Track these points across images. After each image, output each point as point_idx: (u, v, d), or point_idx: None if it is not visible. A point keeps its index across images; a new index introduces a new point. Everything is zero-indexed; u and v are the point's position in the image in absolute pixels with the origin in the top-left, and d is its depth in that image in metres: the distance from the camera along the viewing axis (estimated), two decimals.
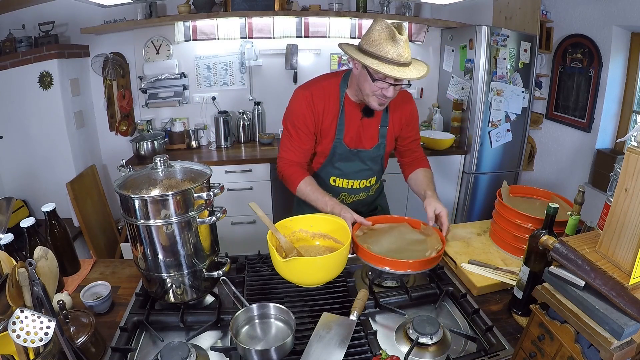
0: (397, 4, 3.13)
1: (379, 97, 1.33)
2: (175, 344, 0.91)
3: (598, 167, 2.82)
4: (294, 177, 1.45)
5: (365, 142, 1.51)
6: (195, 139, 3.07)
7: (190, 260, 1.07)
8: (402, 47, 1.21)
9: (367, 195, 1.65)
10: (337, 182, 1.57)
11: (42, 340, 0.72)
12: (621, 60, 2.72)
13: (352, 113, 1.47)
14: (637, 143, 0.75)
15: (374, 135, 1.51)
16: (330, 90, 1.46)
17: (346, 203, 1.60)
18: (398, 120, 1.54)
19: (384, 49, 1.21)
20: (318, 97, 1.44)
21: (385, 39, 1.21)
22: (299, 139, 1.48)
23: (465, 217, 3.23)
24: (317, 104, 1.44)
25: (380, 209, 1.76)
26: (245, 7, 2.78)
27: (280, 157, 1.53)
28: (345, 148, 1.49)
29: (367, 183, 1.60)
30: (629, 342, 0.72)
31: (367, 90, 1.33)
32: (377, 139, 1.52)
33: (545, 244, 0.92)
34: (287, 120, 1.50)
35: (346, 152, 1.50)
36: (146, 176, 1.03)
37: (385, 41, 1.21)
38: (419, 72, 1.26)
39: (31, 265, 0.77)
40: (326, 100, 1.45)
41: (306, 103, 1.44)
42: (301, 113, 1.45)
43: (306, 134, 1.47)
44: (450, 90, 3.24)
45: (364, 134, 1.50)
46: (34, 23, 2.73)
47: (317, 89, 1.46)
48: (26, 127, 2.71)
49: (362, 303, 1.07)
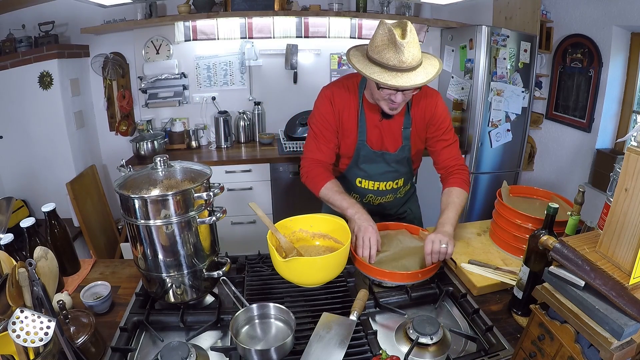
0: (397, 4, 3.13)
1: (389, 102, 1.30)
2: (175, 344, 0.91)
3: (598, 167, 2.82)
4: (318, 180, 1.42)
5: (389, 144, 1.48)
6: (195, 139, 3.07)
7: (190, 260, 1.07)
8: (405, 52, 1.15)
9: (394, 198, 1.61)
10: (363, 184, 1.55)
11: (42, 340, 0.72)
12: (621, 60, 2.71)
13: (371, 114, 1.45)
14: (637, 143, 0.75)
15: (397, 137, 1.47)
16: (350, 89, 1.45)
17: (373, 205, 1.58)
18: (420, 119, 1.46)
19: (385, 56, 1.17)
20: (338, 95, 1.44)
21: (387, 44, 1.16)
22: (323, 138, 1.46)
23: (465, 217, 3.23)
24: (337, 102, 1.44)
25: (410, 212, 1.71)
26: (245, 7, 2.78)
27: (305, 157, 1.50)
28: (369, 150, 1.47)
29: (393, 185, 1.56)
30: (629, 342, 0.72)
31: (377, 96, 1.33)
32: (400, 141, 1.48)
33: (545, 244, 0.92)
34: (312, 120, 1.49)
35: (370, 154, 1.48)
36: (146, 176, 1.03)
37: (386, 47, 1.16)
38: (426, 76, 1.20)
39: (31, 265, 0.77)
40: (346, 98, 1.44)
41: (327, 100, 1.44)
42: (323, 111, 1.45)
43: (330, 132, 1.46)
44: (450, 90, 3.24)
45: (386, 136, 1.47)
46: (34, 23, 2.73)
47: (338, 88, 1.46)
48: (26, 127, 2.71)
49: (362, 303, 1.07)
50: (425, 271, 1.19)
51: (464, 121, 3.09)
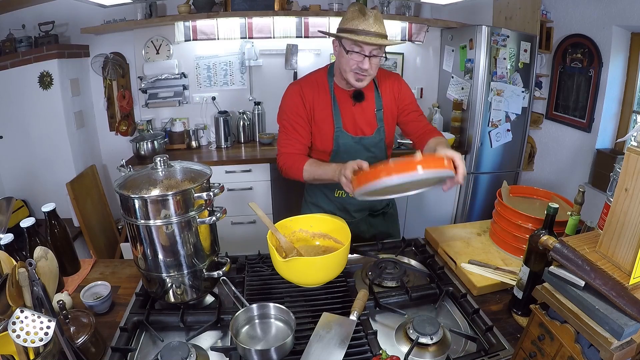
0: (397, 4, 3.13)
1: (356, 71, 1.35)
2: (175, 344, 0.91)
3: (598, 167, 2.82)
4: (297, 165, 1.42)
5: (365, 128, 1.51)
6: (195, 139, 3.07)
7: (190, 260, 1.07)
8: (371, 20, 1.29)
9: None
10: None
11: (42, 340, 0.72)
12: (621, 60, 2.72)
13: (344, 100, 1.49)
14: (637, 143, 0.75)
15: (371, 120, 1.52)
16: (319, 81, 1.49)
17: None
18: (389, 98, 1.54)
19: (354, 23, 1.30)
20: (307, 87, 1.48)
21: (356, 15, 1.30)
22: (295, 132, 1.48)
23: (465, 217, 3.23)
24: (307, 93, 1.47)
25: (391, 205, 1.76)
26: (245, 7, 2.78)
27: (280, 153, 1.51)
28: (348, 136, 1.49)
29: None
30: (629, 342, 0.72)
31: (345, 66, 1.37)
32: (375, 123, 1.52)
33: (545, 244, 0.92)
34: (281, 117, 1.52)
35: (349, 141, 1.50)
36: (146, 176, 1.03)
37: (356, 17, 1.30)
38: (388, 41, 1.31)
39: (31, 265, 0.77)
40: (315, 90, 1.48)
41: (296, 93, 1.47)
42: (293, 104, 1.47)
43: (301, 125, 1.48)
44: (450, 90, 3.24)
45: (361, 120, 1.50)
46: (34, 23, 2.73)
47: (305, 82, 1.50)
48: (26, 127, 2.71)
49: (362, 303, 1.07)
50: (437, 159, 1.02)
51: (464, 121, 3.09)
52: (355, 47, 1.31)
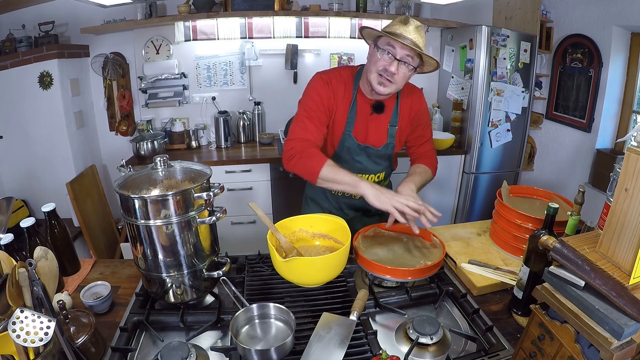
0: (397, 4, 3.13)
1: (381, 72, 1.33)
2: (175, 344, 0.91)
3: (598, 167, 2.82)
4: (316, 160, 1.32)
5: (374, 139, 1.50)
6: (195, 139, 3.07)
7: (190, 260, 1.07)
8: (411, 28, 1.30)
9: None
10: None
11: (42, 340, 0.72)
12: (621, 60, 2.72)
13: (363, 107, 1.47)
14: (637, 143, 0.75)
15: (382, 134, 1.50)
16: (346, 79, 1.47)
17: (355, 198, 1.59)
18: (406, 116, 1.51)
19: (395, 28, 1.32)
20: (336, 80, 1.46)
21: (399, 22, 1.32)
22: (317, 119, 1.41)
23: (465, 217, 3.23)
24: (335, 86, 1.45)
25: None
26: (245, 7, 2.78)
27: (293, 138, 1.39)
28: (354, 142, 1.48)
29: (375, 178, 1.57)
30: (629, 342, 0.72)
31: (372, 66, 1.35)
32: (386, 138, 1.51)
33: (545, 244, 0.92)
34: (304, 102, 1.45)
35: (354, 146, 1.49)
36: (146, 176, 1.03)
37: (398, 24, 1.32)
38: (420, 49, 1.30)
39: (31, 265, 0.77)
40: (342, 86, 1.45)
41: (324, 83, 1.44)
42: (320, 91, 1.43)
43: (323, 114, 1.43)
44: (450, 90, 3.24)
45: (372, 131, 1.49)
46: (34, 23, 2.73)
47: (334, 75, 1.47)
48: (26, 127, 2.71)
49: (362, 303, 1.07)
50: (426, 268, 1.18)
51: (464, 121, 3.09)
52: (389, 47, 1.31)
